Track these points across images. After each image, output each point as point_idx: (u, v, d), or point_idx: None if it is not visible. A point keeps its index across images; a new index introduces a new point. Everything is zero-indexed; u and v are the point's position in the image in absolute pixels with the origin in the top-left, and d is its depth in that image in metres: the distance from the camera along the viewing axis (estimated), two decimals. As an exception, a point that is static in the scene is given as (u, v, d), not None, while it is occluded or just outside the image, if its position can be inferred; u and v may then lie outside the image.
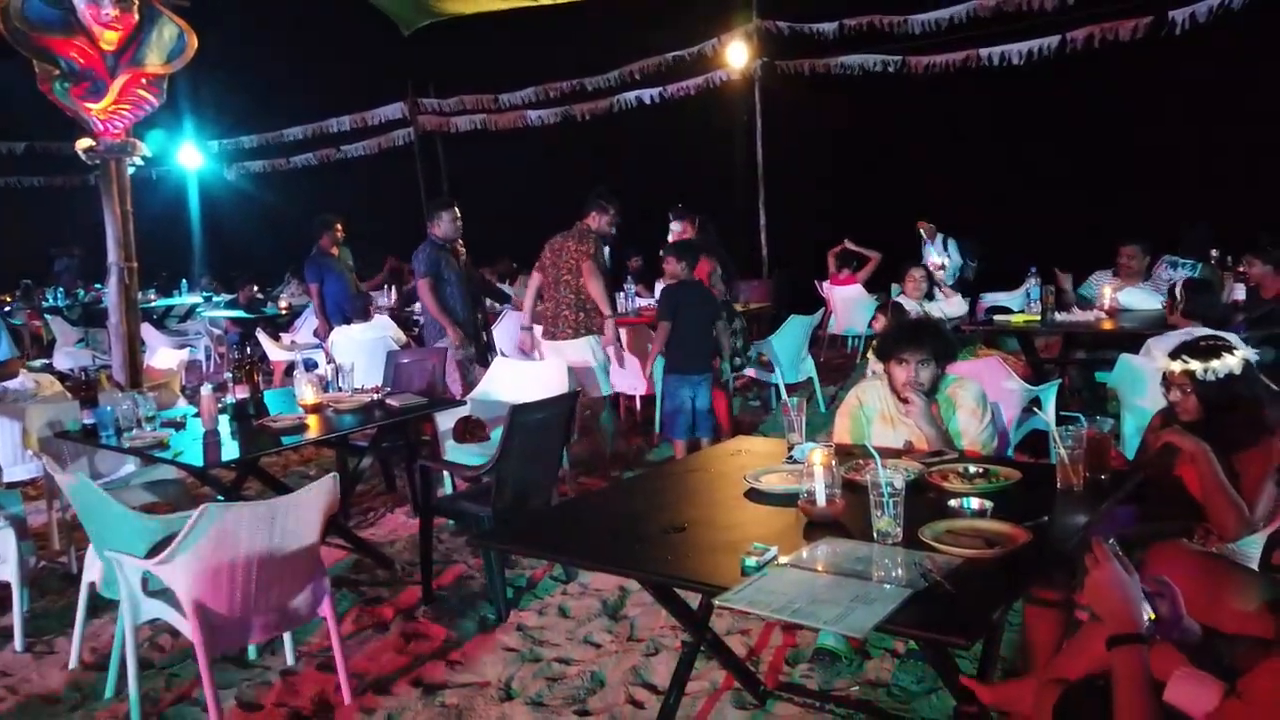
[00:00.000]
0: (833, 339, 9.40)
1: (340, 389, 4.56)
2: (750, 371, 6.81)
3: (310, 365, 5.36)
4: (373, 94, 13.78)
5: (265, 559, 2.84)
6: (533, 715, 3.01)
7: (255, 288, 10.67)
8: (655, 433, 6.39)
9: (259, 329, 8.82)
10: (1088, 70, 8.98)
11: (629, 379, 6.47)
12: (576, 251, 5.75)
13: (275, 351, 8.43)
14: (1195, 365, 2.78)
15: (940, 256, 9.45)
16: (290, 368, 7.99)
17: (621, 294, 8.22)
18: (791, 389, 6.68)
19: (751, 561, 2.04)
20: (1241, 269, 6.18)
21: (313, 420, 4.08)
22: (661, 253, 5.88)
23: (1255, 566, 2.63)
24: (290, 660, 3.42)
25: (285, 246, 12.50)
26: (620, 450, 6.20)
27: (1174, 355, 2.88)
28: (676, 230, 8.81)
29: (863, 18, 9.63)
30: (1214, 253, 6.98)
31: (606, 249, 6.09)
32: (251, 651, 3.45)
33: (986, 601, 1.82)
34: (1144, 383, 4.16)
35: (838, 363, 8.92)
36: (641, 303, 8.19)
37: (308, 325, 8.87)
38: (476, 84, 13.02)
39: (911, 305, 6.05)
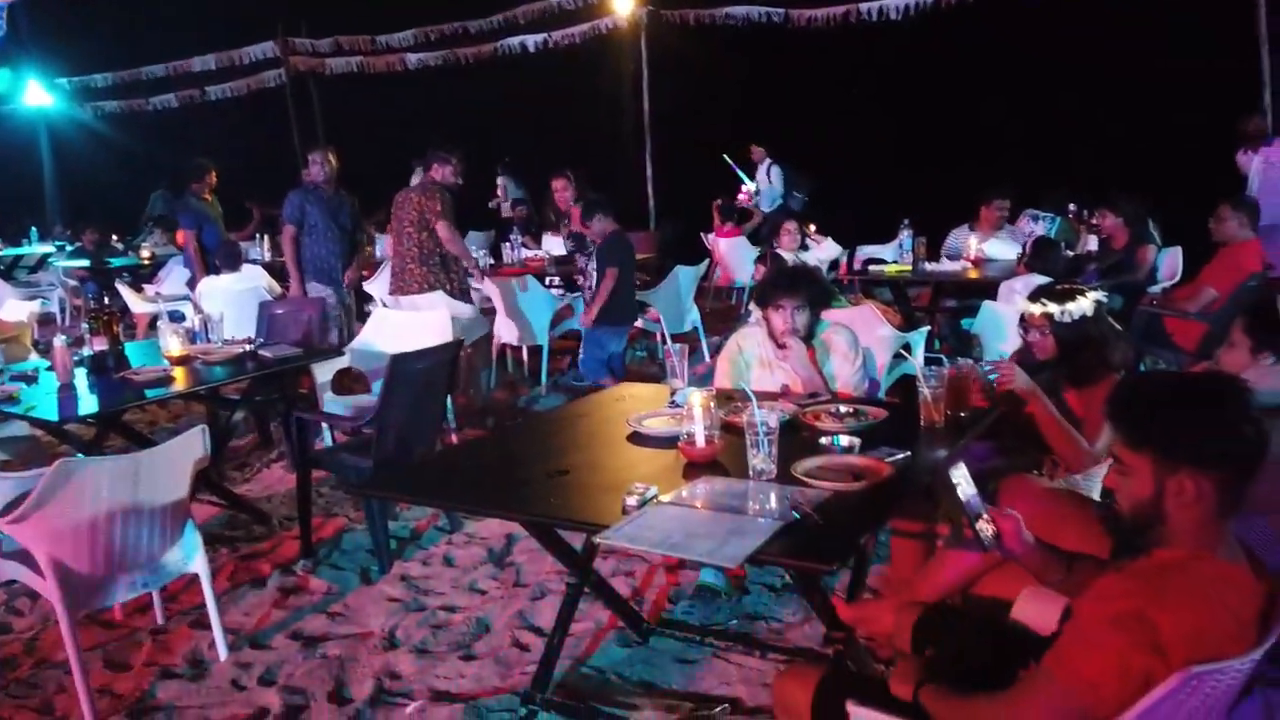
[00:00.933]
0: (717, 289, 9.54)
1: (209, 341, 4.37)
2: (638, 322, 6.86)
3: (177, 317, 5.11)
4: (241, 32, 13.01)
5: (129, 515, 2.72)
6: (417, 663, 3.01)
7: (99, 235, 10.11)
8: (543, 383, 6.38)
9: (118, 279, 8.32)
10: (963, 27, 9.25)
11: (513, 330, 6.42)
12: (421, 205, 5.56)
13: (137, 303, 7.97)
14: (1053, 307, 2.95)
15: (753, 184, 9.72)
16: (154, 320, 7.58)
17: (507, 244, 8.12)
18: (677, 338, 6.77)
19: (632, 500, 2.08)
20: (1095, 221, 6.57)
21: (179, 373, 3.91)
22: (580, 208, 5.88)
23: (1097, 497, 2.84)
24: (160, 619, 3.31)
25: (147, 193, 11.77)
26: (506, 400, 6.17)
27: (1033, 298, 3.04)
28: (501, 183, 8.84)
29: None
30: (1071, 206, 7.37)
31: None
32: (118, 611, 3.32)
33: (851, 530, 1.91)
34: (1003, 328, 4.40)
35: (722, 312, 9.07)
36: (526, 254, 8.11)
37: (173, 276, 8.41)
38: (352, 24, 12.46)
39: (789, 256, 6.19)
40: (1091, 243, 6.52)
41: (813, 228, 7.87)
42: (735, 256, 9.09)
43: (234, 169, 8.70)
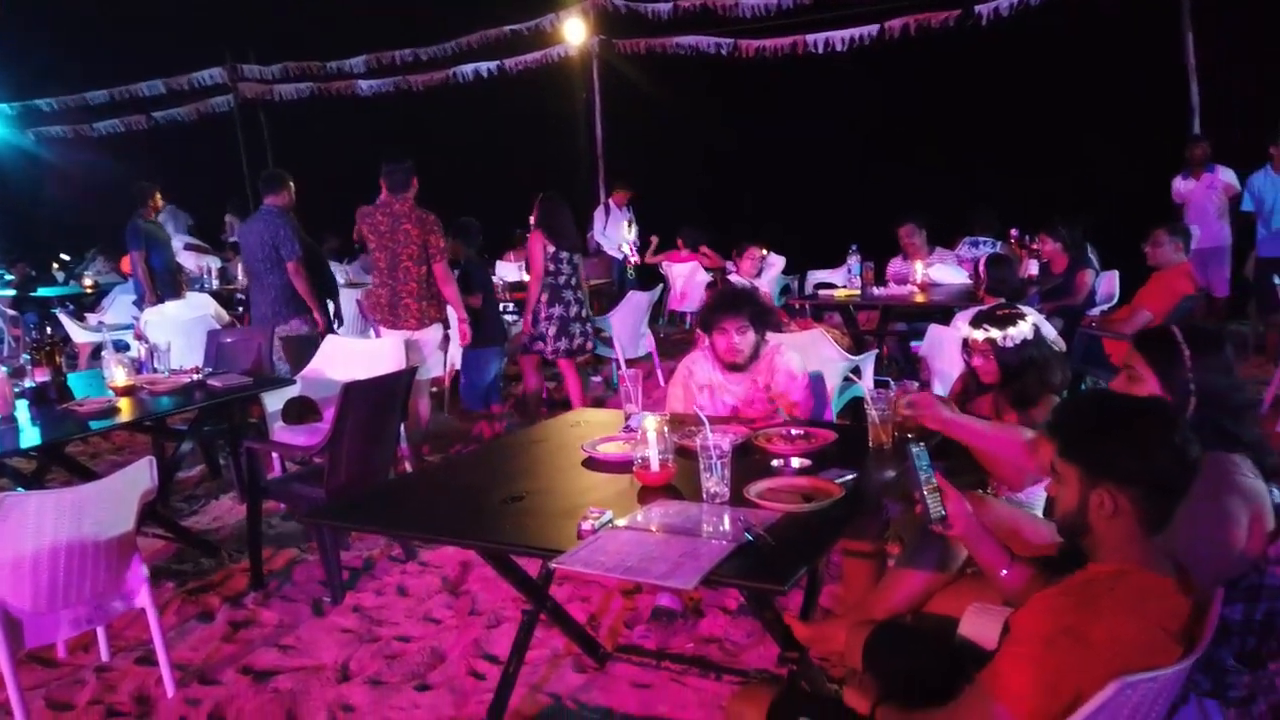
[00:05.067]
0: (672, 315, 9.62)
1: (156, 370, 4.30)
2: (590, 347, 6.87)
3: (121, 346, 5.02)
4: (188, 57, 12.90)
5: (73, 550, 2.66)
6: (371, 693, 2.97)
7: (28, 266, 9.96)
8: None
9: (59, 308, 8.15)
10: (905, 57, 9.52)
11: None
12: (424, 240, 5.11)
13: (79, 333, 7.80)
14: (995, 333, 3.03)
15: (623, 232, 9.62)
16: (97, 350, 7.43)
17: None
18: (632, 363, 6.81)
19: (588, 524, 2.10)
20: (1035, 246, 6.75)
21: (125, 403, 3.84)
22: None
23: (1040, 514, 2.92)
24: (105, 656, 3.23)
25: (91, 220, 11.56)
26: (458, 427, 6.14)
27: (974, 324, 3.12)
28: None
29: (695, 0, 9.85)
30: (1013, 232, 7.57)
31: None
32: (61, 649, 3.23)
33: (802, 551, 1.95)
34: (948, 350, 4.49)
35: (676, 338, 9.13)
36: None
37: (116, 305, 8.26)
38: (302, 50, 12.42)
39: (741, 282, 6.26)
40: (1032, 267, 6.70)
41: (765, 251, 7.96)
42: (689, 282, 9.18)
43: (181, 195, 8.61)
